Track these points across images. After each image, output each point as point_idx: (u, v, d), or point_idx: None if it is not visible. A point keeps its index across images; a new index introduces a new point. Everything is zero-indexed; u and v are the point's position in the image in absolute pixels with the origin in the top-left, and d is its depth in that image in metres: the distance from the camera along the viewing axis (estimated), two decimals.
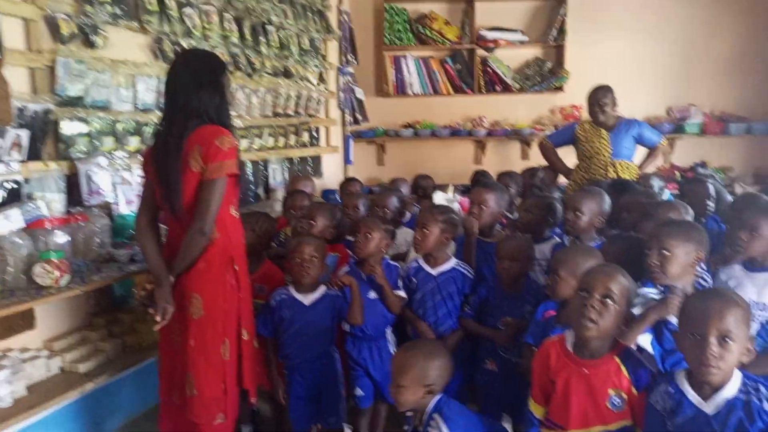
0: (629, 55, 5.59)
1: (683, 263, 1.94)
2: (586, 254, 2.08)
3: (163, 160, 2.11)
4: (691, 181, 3.87)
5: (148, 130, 3.24)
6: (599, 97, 4.15)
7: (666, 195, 3.64)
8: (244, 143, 4.09)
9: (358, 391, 2.60)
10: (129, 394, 3.13)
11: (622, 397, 1.63)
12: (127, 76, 3.15)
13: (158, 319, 2.03)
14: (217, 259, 2.14)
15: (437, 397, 1.87)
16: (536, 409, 1.83)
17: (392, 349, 2.64)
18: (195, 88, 2.12)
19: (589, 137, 4.24)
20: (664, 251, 1.91)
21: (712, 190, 3.22)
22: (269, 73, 4.27)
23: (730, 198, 3.40)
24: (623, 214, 2.89)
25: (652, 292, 2.03)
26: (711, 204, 3.19)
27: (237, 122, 3.95)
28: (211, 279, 2.13)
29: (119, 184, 3.14)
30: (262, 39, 4.19)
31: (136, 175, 3.18)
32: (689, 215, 2.71)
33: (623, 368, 1.64)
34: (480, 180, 4.18)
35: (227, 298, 2.15)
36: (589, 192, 2.73)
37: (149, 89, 3.27)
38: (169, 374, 2.23)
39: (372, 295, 2.58)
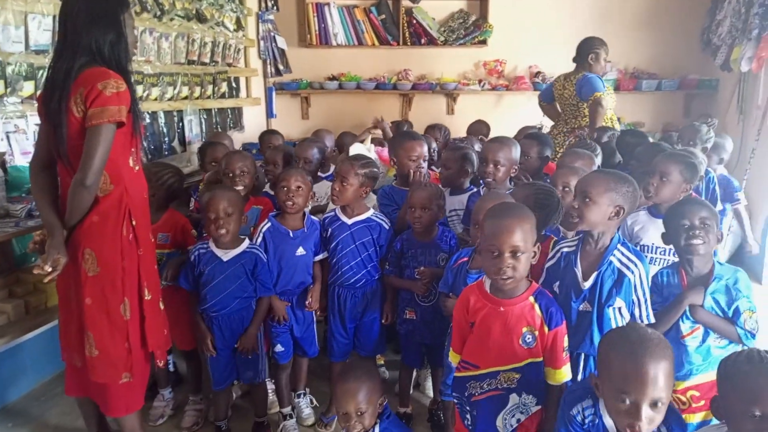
0: (550, 12, 5.65)
1: (603, 212, 1.94)
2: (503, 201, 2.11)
3: (49, 101, 1.94)
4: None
5: (44, 74, 2.96)
6: (606, 48, 4.20)
7: None
8: (155, 92, 3.83)
9: (278, 347, 2.57)
10: (36, 357, 2.99)
11: (534, 335, 1.72)
12: (17, 13, 2.84)
13: (47, 269, 1.86)
14: (112, 212, 1.99)
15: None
16: (454, 358, 1.89)
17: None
18: (87, 23, 1.93)
19: (609, 91, 4.24)
20: (587, 199, 1.94)
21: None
22: (180, 16, 3.99)
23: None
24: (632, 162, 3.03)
25: (568, 241, 2.10)
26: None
27: (146, 68, 3.69)
28: (106, 234, 1.99)
29: (12, 133, 2.89)
30: None
31: (32, 123, 2.93)
32: (595, 165, 2.82)
33: (537, 307, 1.72)
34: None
35: (126, 255, 2.02)
36: (505, 142, 2.74)
37: (43, 28, 2.97)
38: (67, 335, 2.11)
39: (299, 251, 2.52)
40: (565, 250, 2.06)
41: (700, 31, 5.36)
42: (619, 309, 1.93)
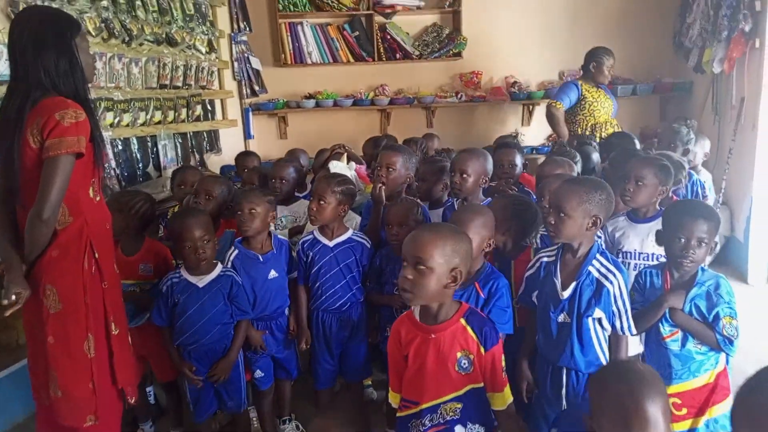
0: (522, 21, 5.67)
1: (580, 225, 1.89)
2: (477, 212, 2.09)
3: (2, 138, 1.87)
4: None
5: None
6: (612, 59, 4.32)
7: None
8: (126, 118, 3.77)
9: (258, 373, 2.50)
10: (9, 397, 2.88)
11: (470, 359, 1.62)
12: None
13: (4, 302, 1.79)
14: (73, 246, 1.92)
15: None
16: (394, 398, 1.78)
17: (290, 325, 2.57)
18: (36, 53, 1.86)
19: (596, 98, 4.35)
20: (562, 214, 1.89)
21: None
22: (150, 41, 3.94)
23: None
24: None
25: (547, 250, 2.06)
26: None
27: (116, 94, 3.63)
28: (66, 268, 1.91)
29: None
30: (138, 2, 3.85)
31: None
32: (575, 172, 2.79)
33: (469, 329, 1.63)
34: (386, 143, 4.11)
35: (89, 289, 1.94)
36: (473, 153, 2.71)
37: (5, 58, 2.90)
38: (36, 373, 2.02)
39: (272, 274, 2.45)
40: (545, 259, 2.03)
41: (672, 35, 5.42)
42: (599, 320, 1.89)
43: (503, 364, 1.65)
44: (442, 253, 1.57)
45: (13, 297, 1.81)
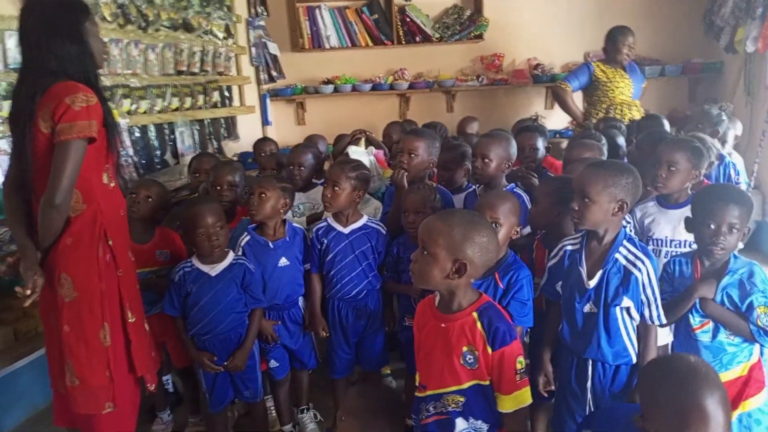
0: (545, 3, 5.51)
1: (605, 210, 1.81)
2: (505, 198, 2.03)
3: (14, 126, 1.86)
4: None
5: None
6: (629, 38, 4.23)
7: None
8: (143, 105, 3.75)
9: (272, 363, 2.47)
10: (29, 385, 2.90)
11: (475, 354, 1.55)
12: None
13: (27, 292, 1.78)
14: (86, 233, 1.89)
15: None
16: (417, 377, 1.73)
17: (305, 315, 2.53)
18: (46, 39, 1.83)
19: (611, 78, 4.26)
20: (586, 199, 1.81)
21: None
22: (166, 26, 3.90)
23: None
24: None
25: (571, 238, 1.98)
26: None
27: (133, 81, 3.61)
28: (81, 256, 1.88)
29: None
30: None
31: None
32: (603, 155, 2.69)
33: (479, 324, 1.55)
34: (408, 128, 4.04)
35: (103, 277, 1.92)
36: (496, 137, 2.63)
37: (16, 45, 2.88)
38: (52, 362, 2.02)
39: (282, 262, 2.41)
40: (569, 248, 1.95)
41: (702, 13, 5.21)
42: (627, 309, 1.81)
43: (520, 366, 1.55)
44: (446, 243, 1.50)
45: (32, 285, 1.80)
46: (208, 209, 2.24)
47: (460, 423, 1.58)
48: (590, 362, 1.87)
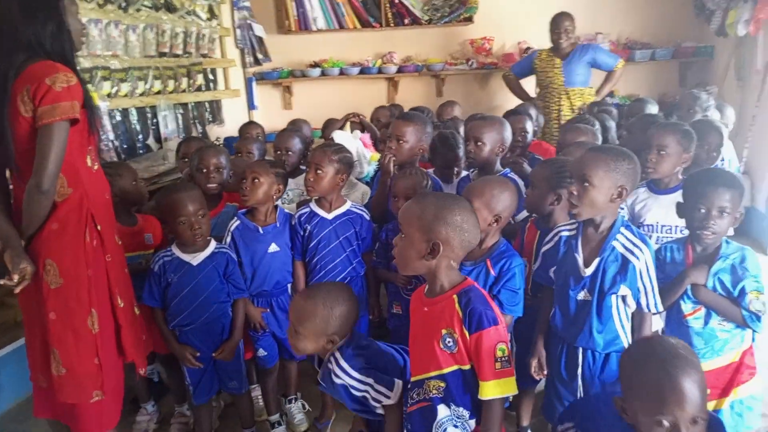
0: None
1: (605, 195, 1.77)
2: (496, 184, 1.99)
3: None
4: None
5: None
6: (564, 23, 4.39)
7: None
8: (124, 87, 3.65)
9: (261, 352, 2.42)
10: (10, 376, 2.83)
11: (454, 338, 1.50)
12: None
13: (15, 279, 1.72)
14: (72, 218, 1.83)
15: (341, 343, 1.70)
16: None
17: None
18: (22, 15, 1.76)
19: (545, 67, 4.51)
20: (586, 183, 1.77)
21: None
22: (148, 6, 3.79)
23: None
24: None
25: (567, 224, 1.94)
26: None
27: (113, 63, 3.50)
28: (67, 242, 1.83)
29: None
30: None
31: None
32: (598, 140, 2.66)
33: (457, 306, 1.50)
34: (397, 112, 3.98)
35: (91, 263, 1.86)
36: (489, 120, 2.59)
37: None
38: (32, 353, 1.96)
39: (272, 248, 2.35)
40: (565, 234, 1.91)
41: None
42: (623, 297, 1.78)
43: (501, 353, 1.48)
44: (420, 224, 1.49)
45: (19, 272, 1.74)
46: (189, 196, 2.17)
47: (442, 410, 1.54)
48: (580, 350, 1.85)
